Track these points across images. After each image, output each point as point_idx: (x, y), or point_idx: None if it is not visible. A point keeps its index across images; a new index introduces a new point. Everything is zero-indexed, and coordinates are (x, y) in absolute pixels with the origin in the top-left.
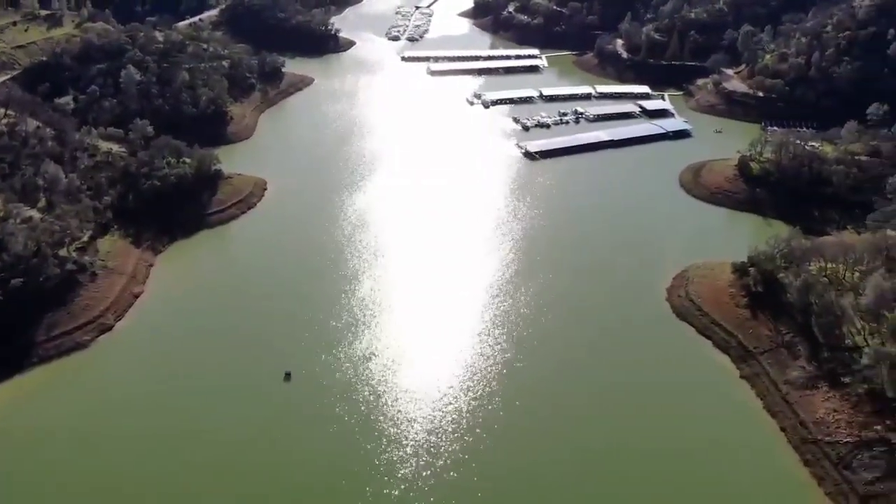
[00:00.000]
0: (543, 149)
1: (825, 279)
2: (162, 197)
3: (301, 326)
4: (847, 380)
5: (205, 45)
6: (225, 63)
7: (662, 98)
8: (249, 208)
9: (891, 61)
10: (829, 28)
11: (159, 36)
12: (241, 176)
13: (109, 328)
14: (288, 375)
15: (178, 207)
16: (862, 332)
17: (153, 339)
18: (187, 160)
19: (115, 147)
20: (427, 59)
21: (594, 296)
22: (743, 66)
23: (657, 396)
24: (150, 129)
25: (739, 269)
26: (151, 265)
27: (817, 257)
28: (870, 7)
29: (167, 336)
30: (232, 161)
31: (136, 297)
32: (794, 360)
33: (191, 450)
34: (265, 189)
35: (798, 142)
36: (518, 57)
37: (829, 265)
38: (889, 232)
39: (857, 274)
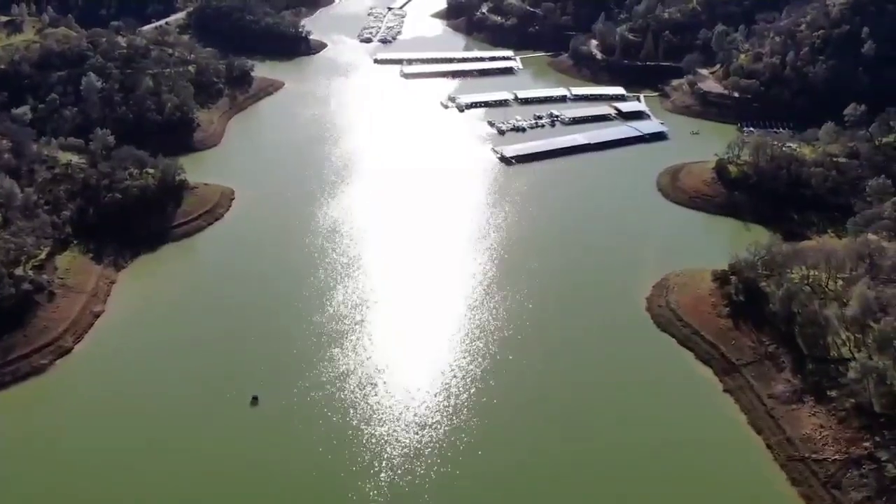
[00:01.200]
0: (519, 153)
1: (808, 287)
2: (124, 210)
3: (271, 345)
4: (833, 394)
5: (170, 50)
6: (191, 68)
7: (638, 99)
8: (216, 219)
9: (865, 60)
10: (802, 27)
11: (122, 41)
12: (208, 185)
13: (68, 351)
14: (255, 399)
15: (141, 221)
16: (847, 344)
17: (114, 362)
18: (151, 171)
19: (75, 158)
20: (400, 61)
21: (573, 307)
22: (718, 66)
23: (638, 413)
24: (111, 138)
25: (720, 278)
26: (113, 282)
27: (799, 264)
28: (843, 6)
29: (128, 358)
30: (199, 170)
31: (97, 316)
32: (779, 372)
33: (153, 481)
34: (233, 199)
35: (776, 143)
36: (492, 59)
37: (812, 272)
38: (870, 236)
39: (840, 282)
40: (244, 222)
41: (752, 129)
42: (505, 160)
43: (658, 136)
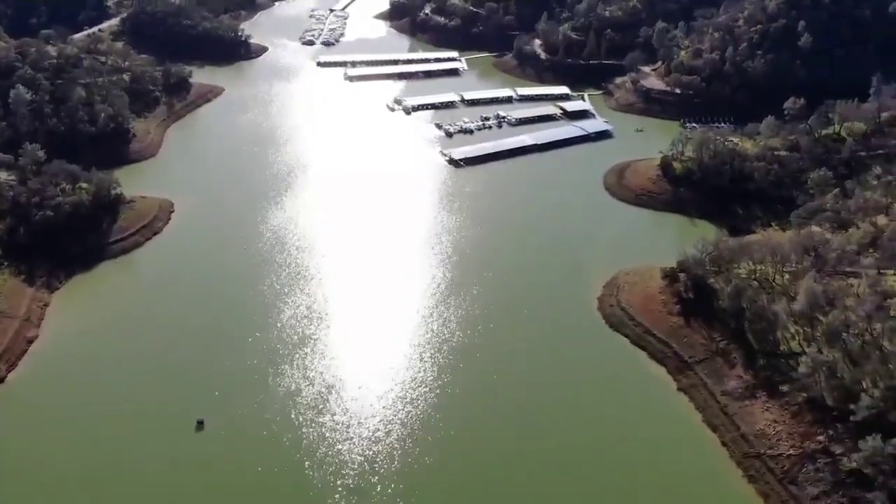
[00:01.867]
0: (468, 156)
1: (755, 283)
2: (56, 228)
3: (215, 365)
4: (785, 388)
5: (103, 58)
6: (126, 76)
7: (582, 98)
8: (155, 234)
9: (802, 53)
10: (740, 22)
11: (52, 50)
12: (146, 198)
13: (1, 380)
14: (201, 424)
15: (74, 238)
16: (797, 338)
17: (50, 389)
18: (84, 185)
19: (4, 175)
20: (344, 63)
21: (525, 311)
22: (659, 63)
23: (593, 412)
24: (41, 153)
25: (669, 275)
26: (47, 305)
27: (745, 259)
28: (779, 0)
29: (65, 385)
30: (136, 182)
31: (31, 342)
32: (731, 368)
33: None
34: (172, 211)
35: (718, 139)
36: (437, 60)
37: (759, 267)
38: (814, 228)
39: (786, 276)
40: (184, 235)
41: (694, 125)
42: (453, 162)
43: (603, 135)
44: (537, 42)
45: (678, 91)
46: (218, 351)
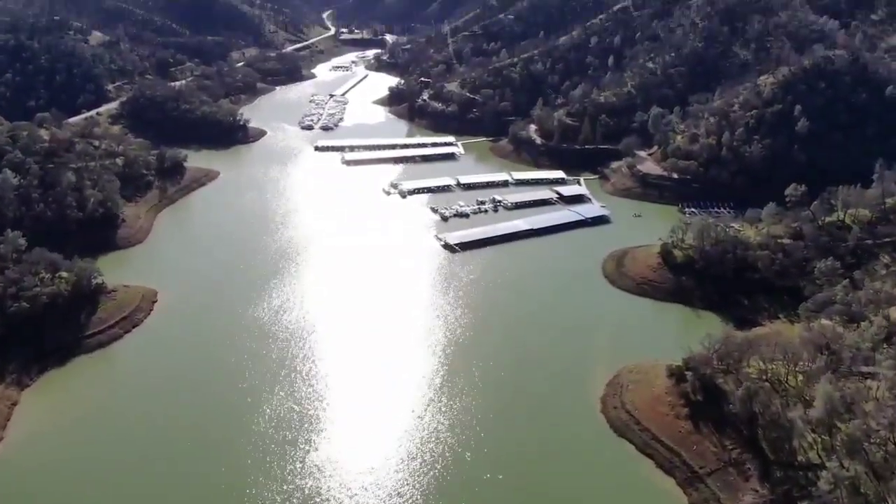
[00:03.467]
0: (463, 240)
1: (767, 384)
2: (32, 320)
3: (195, 473)
4: None
5: (97, 142)
6: (119, 160)
7: (578, 183)
8: (135, 326)
9: (799, 137)
10: (736, 107)
11: (45, 134)
12: (128, 288)
13: None
14: None
15: (50, 331)
16: (815, 447)
17: (14, 502)
18: (64, 275)
19: None
20: (341, 148)
21: (524, 412)
22: (655, 147)
23: None
24: (22, 240)
25: (675, 374)
26: (15, 403)
27: (755, 356)
28: (774, 85)
29: (31, 497)
30: (121, 270)
31: None
32: (745, 481)
33: None
34: (155, 301)
35: (719, 226)
36: (434, 144)
37: (769, 366)
38: (824, 322)
39: (800, 376)
40: (166, 327)
41: (693, 210)
42: (449, 247)
43: (600, 220)
44: (532, 127)
45: (675, 176)
46: (197, 458)
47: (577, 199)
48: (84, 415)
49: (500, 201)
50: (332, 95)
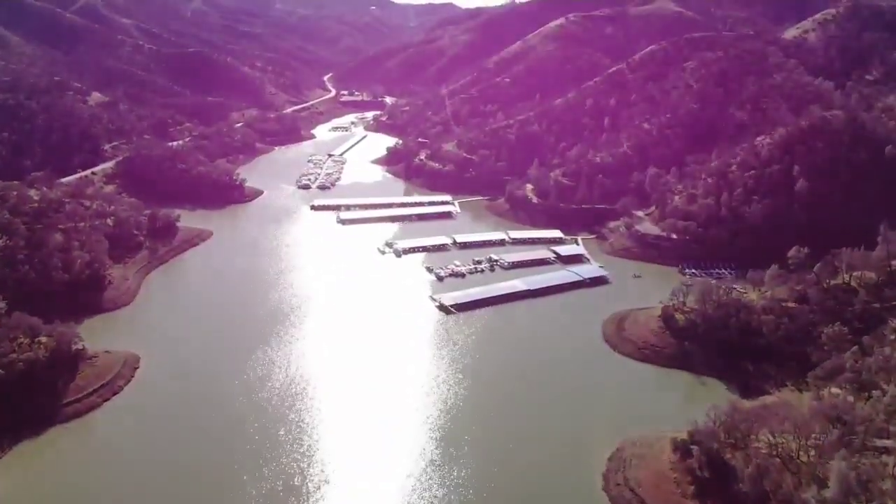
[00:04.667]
0: (458, 301)
1: (777, 459)
2: (7, 388)
3: None
4: None
5: (87, 203)
6: (109, 221)
7: (576, 242)
8: (114, 394)
9: (799, 197)
10: (734, 167)
11: (35, 195)
12: (109, 353)
13: None
14: None
15: (26, 399)
16: None
17: None
18: (43, 339)
19: None
20: (337, 207)
21: (521, 490)
22: (653, 207)
23: None
24: (2, 304)
25: (680, 448)
26: None
27: (763, 428)
28: (771, 145)
29: None
30: (105, 333)
31: None
32: None
33: None
34: (137, 367)
35: (721, 288)
36: (431, 203)
37: (779, 440)
38: (833, 390)
39: (812, 452)
40: (147, 395)
41: (693, 271)
42: (444, 309)
43: (599, 281)
44: (529, 186)
45: (674, 236)
46: None
47: (575, 259)
48: (53, 493)
49: (496, 260)
50: (330, 155)
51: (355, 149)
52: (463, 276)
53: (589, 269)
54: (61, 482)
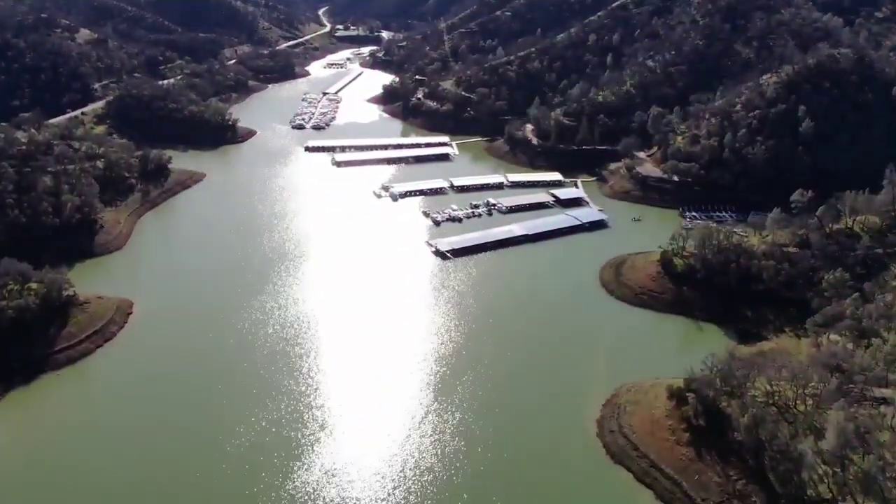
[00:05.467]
0: (455, 247)
1: (773, 408)
2: None
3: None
4: None
5: (77, 145)
6: (100, 163)
7: (576, 185)
8: (106, 340)
9: (804, 139)
10: (738, 107)
11: (22, 137)
12: (102, 299)
13: None
14: None
15: (16, 347)
16: (826, 480)
17: None
18: (34, 286)
19: None
20: (332, 148)
21: (516, 435)
22: (655, 148)
23: None
24: None
25: (676, 396)
26: None
27: (760, 376)
28: (777, 84)
29: None
30: (97, 278)
31: None
32: None
33: None
34: (130, 313)
35: (722, 232)
36: (428, 145)
37: (776, 388)
38: (833, 337)
39: (809, 401)
40: (140, 341)
41: (694, 214)
42: (440, 254)
43: (598, 225)
44: (529, 127)
45: (676, 178)
46: (174, 487)
47: (575, 203)
48: (46, 440)
49: (494, 205)
50: (325, 94)
51: (351, 87)
52: (460, 220)
53: (588, 213)
54: (53, 429)
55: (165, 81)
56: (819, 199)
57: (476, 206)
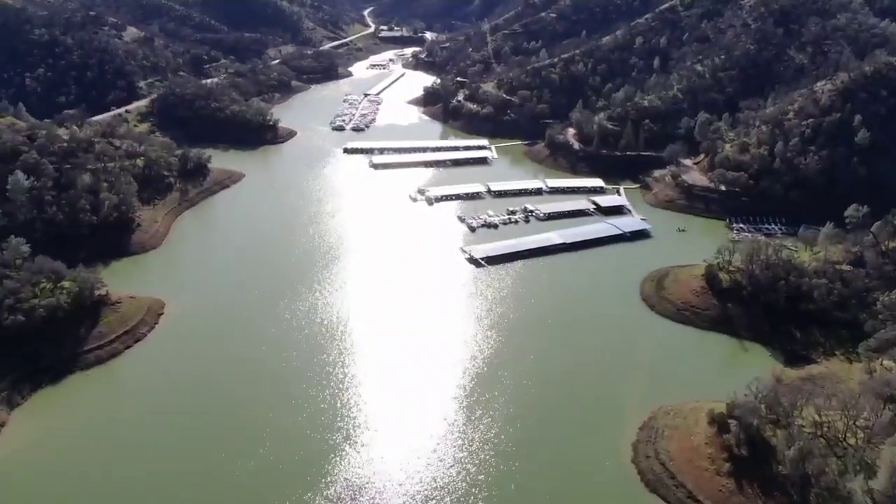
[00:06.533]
0: (490, 254)
1: (822, 440)
2: (28, 334)
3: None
4: None
5: (118, 142)
6: (139, 161)
7: (618, 192)
8: (136, 341)
9: (859, 149)
10: (790, 115)
11: (64, 134)
12: (134, 299)
13: None
14: None
15: (47, 346)
16: None
17: None
18: (66, 285)
19: None
20: (370, 150)
21: (546, 455)
22: (702, 156)
23: None
24: (25, 247)
25: (718, 422)
26: (3, 424)
27: (807, 404)
28: (832, 92)
29: None
30: (131, 278)
31: None
32: None
33: None
34: (161, 314)
35: (770, 246)
36: (466, 148)
37: (825, 418)
38: (886, 363)
39: (860, 434)
40: (169, 343)
41: (742, 225)
42: (474, 261)
43: (640, 234)
44: (571, 131)
45: (723, 188)
46: (193, 487)
47: (616, 211)
48: (71, 440)
49: (531, 211)
50: (366, 95)
51: (392, 88)
52: (496, 226)
53: (630, 222)
54: (81, 429)
55: (209, 80)
56: (874, 214)
57: (513, 212)
